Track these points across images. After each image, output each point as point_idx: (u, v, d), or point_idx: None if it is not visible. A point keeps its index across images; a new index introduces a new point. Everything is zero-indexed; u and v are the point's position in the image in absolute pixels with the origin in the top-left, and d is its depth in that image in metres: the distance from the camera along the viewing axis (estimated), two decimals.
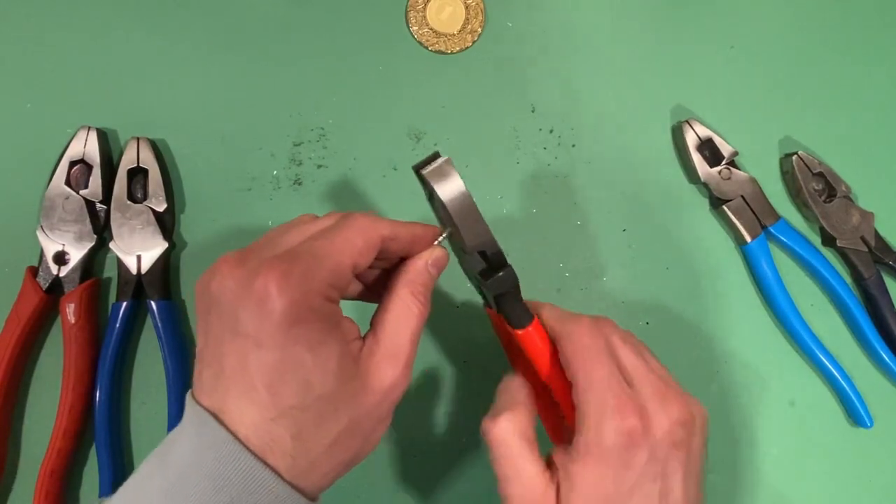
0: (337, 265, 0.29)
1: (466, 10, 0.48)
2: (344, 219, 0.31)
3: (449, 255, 0.34)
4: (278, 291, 0.27)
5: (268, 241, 0.30)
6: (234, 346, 0.27)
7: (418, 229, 0.33)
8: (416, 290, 0.32)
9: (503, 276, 0.33)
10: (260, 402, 0.27)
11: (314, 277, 0.28)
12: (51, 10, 0.47)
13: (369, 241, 0.30)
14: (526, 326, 0.34)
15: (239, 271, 0.27)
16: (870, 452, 0.46)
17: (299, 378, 0.27)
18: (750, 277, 0.47)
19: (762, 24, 0.50)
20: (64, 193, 0.43)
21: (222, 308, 0.28)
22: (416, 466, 0.45)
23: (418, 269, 0.32)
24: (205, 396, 0.28)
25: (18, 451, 0.43)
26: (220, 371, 0.28)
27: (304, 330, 0.27)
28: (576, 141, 0.48)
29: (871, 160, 0.49)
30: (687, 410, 0.32)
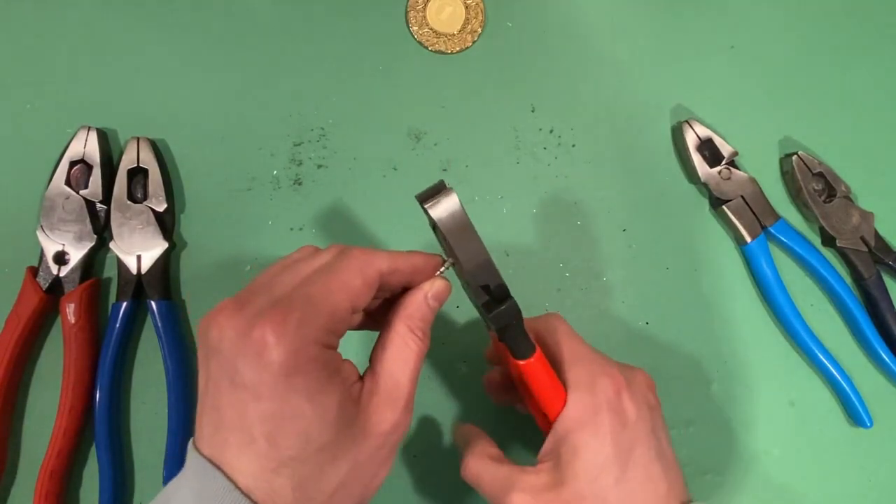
0: (334, 309, 0.28)
1: (466, 10, 0.48)
2: (341, 256, 0.30)
3: (451, 285, 0.33)
4: (276, 341, 0.26)
5: (265, 282, 0.30)
6: (232, 397, 0.27)
7: (419, 260, 0.32)
8: (415, 325, 0.31)
9: (506, 309, 0.32)
10: (259, 452, 0.27)
11: (311, 325, 0.27)
12: (51, 10, 0.47)
13: (367, 279, 0.30)
14: (528, 357, 0.33)
15: (237, 320, 0.27)
16: (870, 452, 0.46)
17: (298, 429, 0.27)
18: (750, 277, 0.47)
19: (762, 24, 0.50)
20: (64, 193, 0.43)
21: (221, 357, 0.27)
22: (415, 466, 0.45)
23: (417, 304, 0.32)
24: (205, 446, 0.28)
25: (18, 452, 0.43)
26: (220, 421, 0.27)
27: (302, 379, 0.27)
28: (576, 141, 0.48)
29: (870, 160, 0.49)
30: (649, 378, 0.35)
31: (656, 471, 0.32)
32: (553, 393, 0.34)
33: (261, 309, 0.27)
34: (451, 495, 0.45)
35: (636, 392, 0.34)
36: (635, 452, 0.32)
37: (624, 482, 0.32)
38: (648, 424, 0.33)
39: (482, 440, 0.36)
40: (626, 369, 0.35)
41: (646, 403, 0.34)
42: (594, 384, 0.33)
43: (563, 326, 0.36)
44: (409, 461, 0.45)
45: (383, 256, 0.31)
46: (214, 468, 0.27)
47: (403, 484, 0.44)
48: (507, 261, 0.46)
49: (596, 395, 0.33)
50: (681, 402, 0.46)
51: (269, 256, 0.45)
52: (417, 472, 0.45)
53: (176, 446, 0.42)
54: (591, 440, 0.32)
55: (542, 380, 0.34)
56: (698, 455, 0.46)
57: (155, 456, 0.42)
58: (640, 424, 0.33)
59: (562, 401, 0.33)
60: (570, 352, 0.35)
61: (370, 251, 0.31)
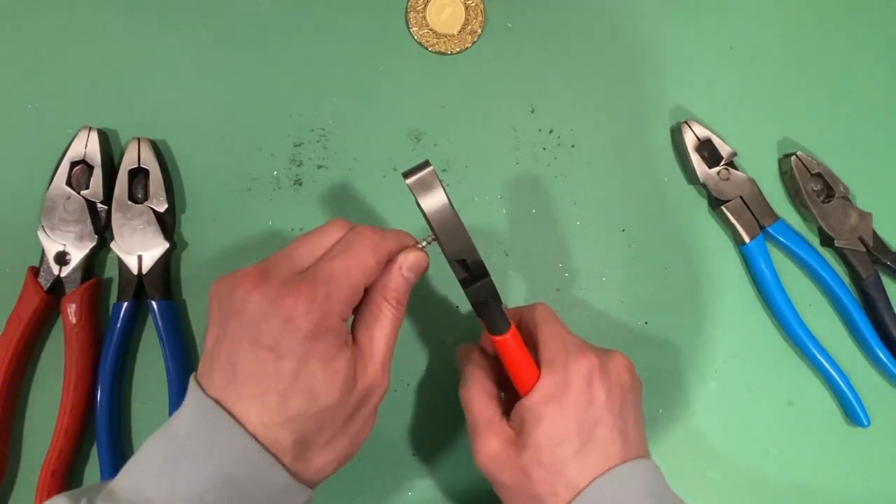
0: (353, 286, 0.32)
1: (466, 11, 0.48)
2: (354, 235, 0.33)
3: (429, 257, 0.35)
4: (305, 312, 0.29)
5: (284, 255, 0.32)
6: (251, 355, 0.30)
7: (410, 241, 0.35)
8: (389, 295, 0.34)
9: (481, 286, 0.35)
10: (270, 406, 0.29)
11: (335, 300, 0.31)
12: (51, 10, 0.47)
13: (379, 258, 0.33)
14: (503, 333, 0.35)
15: (265, 287, 0.30)
16: (867, 451, 0.47)
17: (309, 389, 0.30)
18: (748, 277, 0.48)
19: (761, 24, 0.50)
20: (65, 194, 0.43)
21: (244, 318, 0.30)
22: (415, 466, 0.45)
23: (392, 275, 0.34)
24: (212, 391, 0.30)
25: (20, 452, 0.43)
26: (233, 374, 0.30)
27: (321, 345, 0.30)
28: (575, 141, 0.48)
29: (869, 161, 0.49)
30: (627, 360, 0.36)
31: (615, 451, 0.33)
32: (526, 370, 0.35)
33: (287, 280, 0.30)
34: (452, 495, 0.45)
35: (610, 373, 0.35)
36: (597, 431, 0.34)
37: (582, 456, 0.33)
38: (616, 405, 0.34)
39: (484, 372, 0.38)
40: (602, 352, 0.36)
41: (619, 385, 0.35)
42: (567, 364, 0.35)
43: (544, 311, 0.38)
44: (408, 461, 0.45)
45: (391, 237, 0.34)
46: (225, 411, 0.29)
47: (404, 483, 0.45)
48: (506, 261, 0.46)
49: (567, 374, 0.34)
50: (680, 402, 0.46)
51: None
52: (418, 472, 0.45)
53: None
54: (556, 412, 0.34)
55: (516, 356, 0.35)
56: (697, 455, 0.46)
57: None
58: (608, 405, 0.34)
59: (534, 378, 0.35)
60: (547, 333, 0.36)
61: (378, 231, 0.34)
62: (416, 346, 0.46)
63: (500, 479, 0.35)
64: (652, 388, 0.46)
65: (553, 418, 0.34)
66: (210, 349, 0.31)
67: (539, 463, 0.33)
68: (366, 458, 0.44)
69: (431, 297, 0.46)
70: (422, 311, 0.46)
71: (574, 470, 0.33)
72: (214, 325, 0.31)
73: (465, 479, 0.45)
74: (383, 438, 0.44)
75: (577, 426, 0.33)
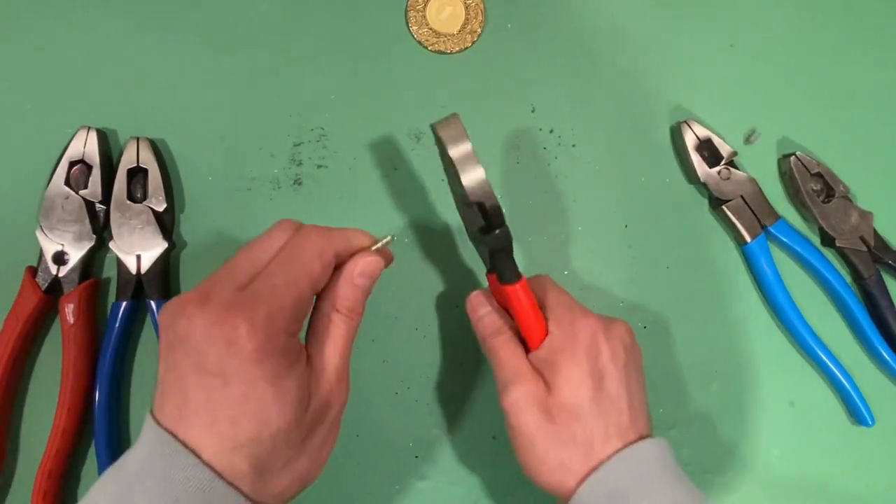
0: (298, 298, 0.30)
1: (466, 11, 0.48)
2: (298, 238, 0.32)
3: (382, 260, 0.34)
4: (247, 334, 0.28)
5: (227, 271, 0.31)
6: (199, 383, 0.29)
7: (365, 239, 0.34)
8: (340, 304, 0.33)
9: (499, 233, 0.35)
10: (222, 433, 0.28)
11: (278, 317, 0.29)
12: (50, 10, 0.47)
13: (325, 263, 0.32)
14: (514, 283, 0.36)
15: (205, 311, 0.29)
16: (871, 451, 0.46)
17: (259, 412, 0.29)
18: (750, 277, 0.47)
19: (761, 23, 0.50)
20: (63, 193, 0.43)
21: (188, 346, 0.29)
22: (415, 467, 0.45)
23: (341, 283, 0.33)
24: (167, 423, 0.29)
25: (17, 452, 0.43)
26: (184, 403, 0.29)
27: (268, 366, 0.29)
28: (576, 141, 0.48)
29: (869, 160, 0.49)
30: (627, 325, 0.38)
31: (622, 403, 0.35)
32: (535, 322, 0.37)
33: (228, 301, 0.29)
34: (451, 494, 0.45)
35: (613, 335, 0.36)
36: (605, 380, 0.35)
37: (597, 402, 0.34)
38: (622, 360, 0.36)
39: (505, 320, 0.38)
40: (605, 318, 0.37)
41: (622, 344, 0.36)
42: (573, 324, 0.36)
43: (550, 281, 0.40)
44: (408, 461, 0.45)
45: (337, 237, 0.33)
46: (179, 443, 0.28)
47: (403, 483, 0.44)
48: None
49: (574, 329, 0.36)
50: (681, 402, 0.46)
51: None
52: (417, 472, 0.45)
53: None
54: (570, 359, 0.35)
55: (526, 307, 0.36)
56: (698, 455, 0.46)
57: None
58: (614, 360, 0.35)
59: (542, 331, 0.36)
60: (553, 299, 0.38)
61: (325, 231, 0.33)
62: (415, 346, 0.45)
63: (527, 420, 0.34)
64: (652, 389, 0.46)
65: (568, 363, 0.35)
66: (161, 380, 0.30)
67: (563, 405, 0.34)
68: (366, 458, 0.44)
69: (429, 296, 0.46)
70: (422, 312, 0.46)
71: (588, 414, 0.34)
72: (163, 355, 0.30)
73: (465, 479, 0.45)
74: (384, 439, 0.44)
75: (590, 372, 0.35)
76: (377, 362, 0.45)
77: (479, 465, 0.45)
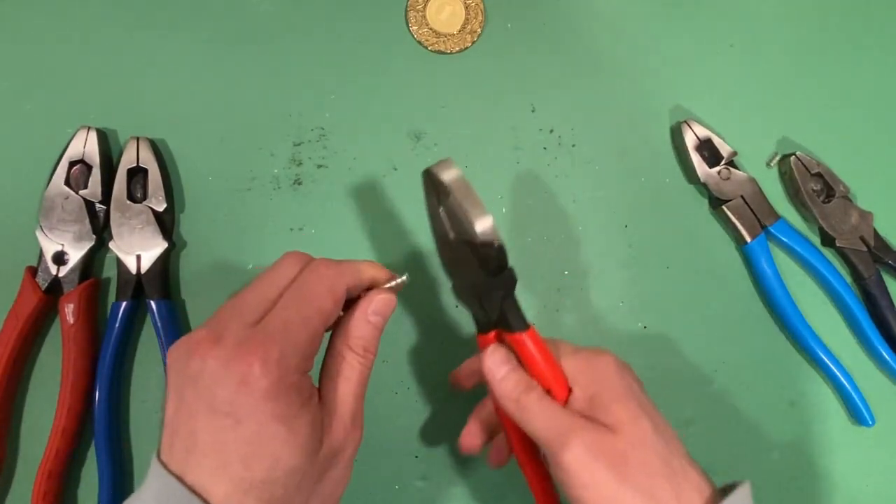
0: (310, 334, 0.30)
1: (466, 11, 0.48)
2: (309, 273, 0.31)
3: (395, 298, 0.33)
4: (261, 373, 0.28)
5: (235, 308, 0.30)
6: (210, 423, 0.28)
7: (377, 273, 0.34)
8: (355, 344, 0.32)
9: (508, 274, 0.32)
10: (233, 475, 0.28)
11: (291, 354, 0.29)
12: (50, 10, 0.47)
13: (337, 298, 0.31)
14: (526, 329, 0.34)
15: (218, 351, 0.28)
16: (872, 451, 0.46)
17: (272, 453, 0.28)
18: (750, 277, 0.47)
19: (761, 22, 0.50)
20: (63, 193, 0.43)
21: (200, 385, 0.28)
22: (415, 467, 0.45)
23: (356, 323, 0.32)
24: (175, 466, 0.28)
25: (17, 452, 0.43)
26: (194, 445, 0.28)
27: (281, 405, 0.28)
28: (576, 141, 0.48)
29: (869, 160, 0.49)
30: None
31: (671, 428, 0.33)
32: (555, 369, 0.34)
33: (240, 339, 0.28)
34: (452, 494, 0.45)
35: (624, 366, 0.35)
36: (651, 409, 0.33)
37: (658, 433, 0.32)
38: (643, 387, 0.35)
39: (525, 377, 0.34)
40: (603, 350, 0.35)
41: (632, 372, 0.35)
42: (591, 364, 0.34)
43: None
44: (408, 461, 0.45)
45: (348, 271, 0.32)
46: (187, 489, 0.27)
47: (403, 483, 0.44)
48: None
49: (599, 371, 0.33)
50: (681, 402, 0.46)
51: (270, 256, 0.45)
52: (417, 473, 0.45)
53: None
54: (616, 399, 0.32)
55: (545, 354, 0.34)
56: (698, 455, 0.46)
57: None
58: (642, 389, 0.34)
59: (563, 378, 0.34)
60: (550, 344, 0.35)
61: (335, 266, 0.32)
62: (415, 346, 0.45)
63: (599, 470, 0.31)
64: (652, 389, 0.46)
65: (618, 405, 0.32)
66: (169, 421, 0.29)
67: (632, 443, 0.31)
68: (366, 458, 0.44)
69: (429, 296, 0.46)
70: (422, 312, 0.46)
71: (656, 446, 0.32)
72: (172, 396, 0.29)
73: (465, 479, 0.45)
74: (384, 439, 0.44)
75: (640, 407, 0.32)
76: (377, 362, 0.44)
77: (479, 465, 0.45)
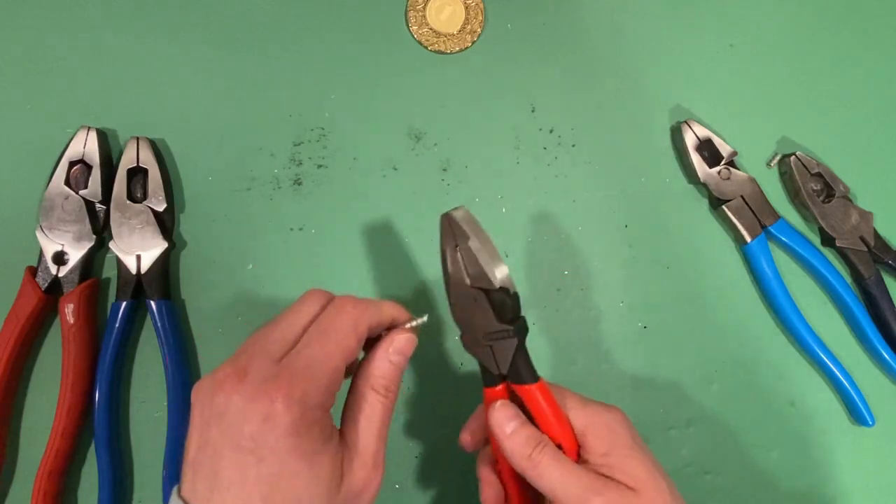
0: (333, 373, 0.30)
1: (466, 11, 0.48)
2: (333, 311, 0.32)
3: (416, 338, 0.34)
4: (285, 409, 0.28)
5: (260, 344, 0.31)
6: (234, 460, 0.28)
7: (397, 312, 0.34)
8: (377, 383, 0.32)
9: (523, 321, 0.33)
10: None
11: (314, 391, 0.29)
12: (50, 10, 0.47)
13: (359, 336, 0.32)
14: (537, 381, 0.33)
15: (243, 387, 0.29)
16: (872, 451, 0.46)
17: (293, 490, 0.28)
18: (750, 277, 0.47)
19: (762, 22, 0.50)
20: (63, 193, 0.43)
21: (225, 421, 0.29)
22: (415, 466, 0.45)
23: (377, 363, 0.33)
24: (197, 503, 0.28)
25: (17, 452, 0.43)
26: (216, 482, 0.28)
27: (304, 442, 0.29)
28: (576, 141, 0.48)
29: (869, 160, 0.49)
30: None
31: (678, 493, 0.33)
32: (565, 424, 0.33)
33: (265, 376, 0.29)
34: (451, 494, 0.45)
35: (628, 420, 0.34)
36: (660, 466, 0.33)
37: (673, 494, 0.32)
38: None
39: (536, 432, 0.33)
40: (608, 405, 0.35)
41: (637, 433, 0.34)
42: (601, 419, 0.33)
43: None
44: (409, 461, 0.45)
45: (371, 310, 0.32)
46: None
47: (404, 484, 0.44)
48: (507, 261, 0.46)
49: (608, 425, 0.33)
50: (681, 402, 0.46)
51: (269, 256, 0.45)
52: (417, 473, 0.45)
53: (175, 446, 0.41)
54: (632, 452, 0.32)
55: (554, 407, 0.33)
56: (698, 455, 0.46)
57: (154, 455, 0.42)
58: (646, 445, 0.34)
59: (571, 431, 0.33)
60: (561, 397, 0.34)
61: (358, 304, 0.32)
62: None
63: None
64: (652, 389, 0.46)
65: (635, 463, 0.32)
66: (192, 458, 0.29)
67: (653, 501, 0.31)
68: None
69: (431, 298, 0.46)
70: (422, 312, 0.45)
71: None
72: (196, 432, 0.30)
73: (465, 479, 0.45)
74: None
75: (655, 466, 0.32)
76: None
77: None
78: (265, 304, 0.45)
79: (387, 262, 0.46)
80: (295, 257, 0.45)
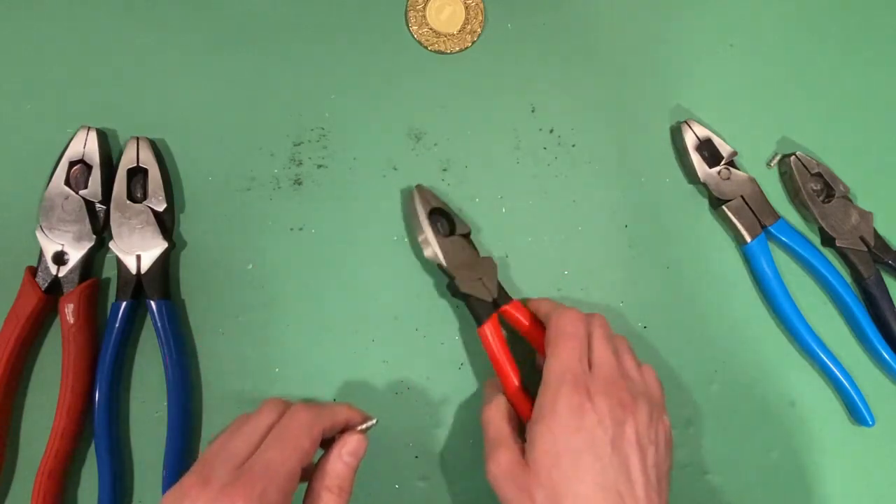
0: (290, 473, 0.33)
1: (466, 11, 0.48)
2: (288, 418, 0.35)
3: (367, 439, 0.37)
4: None
5: (220, 451, 0.33)
6: None
7: (352, 415, 0.38)
8: (332, 484, 0.35)
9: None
10: None
11: (272, 492, 0.32)
12: (50, 10, 0.47)
13: (314, 439, 0.35)
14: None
15: (208, 492, 0.31)
16: (872, 451, 0.46)
17: None
18: (750, 277, 0.47)
19: (762, 22, 0.50)
20: (63, 193, 0.43)
21: None
22: (415, 467, 0.45)
23: (331, 464, 0.36)
24: None
25: (17, 452, 0.43)
26: None
27: None
28: (576, 141, 0.48)
29: (869, 160, 0.49)
30: (628, 396, 0.36)
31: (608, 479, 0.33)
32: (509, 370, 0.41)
33: (227, 481, 0.32)
34: (452, 495, 0.45)
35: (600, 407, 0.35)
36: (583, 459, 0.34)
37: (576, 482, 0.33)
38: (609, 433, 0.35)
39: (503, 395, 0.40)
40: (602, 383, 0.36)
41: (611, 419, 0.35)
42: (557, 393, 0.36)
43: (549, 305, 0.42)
44: (409, 462, 0.45)
45: (324, 415, 0.36)
46: None
47: (403, 484, 0.44)
48: (506, 261, 0.46)
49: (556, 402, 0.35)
50: (681, 402, 0.46)
51: (269, 256, 0.45)
52: (417, 473, 0.45)
53: (175, 446, 0.41)
54: (546, 433, 0.35)
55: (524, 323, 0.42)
56: (698, 455, 0.46)
57: (154, 455, 0.42)
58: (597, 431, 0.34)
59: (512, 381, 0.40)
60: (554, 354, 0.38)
61: (311, 410, 0.36)
62: (415, 347, 0.45)
63: (507, 495, 0.35)
64: None
65: (542, 439, 0.35)
66: None
67: (539, 484, 0.34)
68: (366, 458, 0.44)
69: (431, 298, 0.46)
70: (422, 312, 0.46)
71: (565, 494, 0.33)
72: None
73: (465, 479, 0.45)
74: (384, 439, 0.44)
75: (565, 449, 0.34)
76: (377, 363, 0.45)
77: (479, 465, 0.45)
78: (265, 304, 0.45)
79: (387, 262, 0.46)
80: (295, 257, 0.45)
